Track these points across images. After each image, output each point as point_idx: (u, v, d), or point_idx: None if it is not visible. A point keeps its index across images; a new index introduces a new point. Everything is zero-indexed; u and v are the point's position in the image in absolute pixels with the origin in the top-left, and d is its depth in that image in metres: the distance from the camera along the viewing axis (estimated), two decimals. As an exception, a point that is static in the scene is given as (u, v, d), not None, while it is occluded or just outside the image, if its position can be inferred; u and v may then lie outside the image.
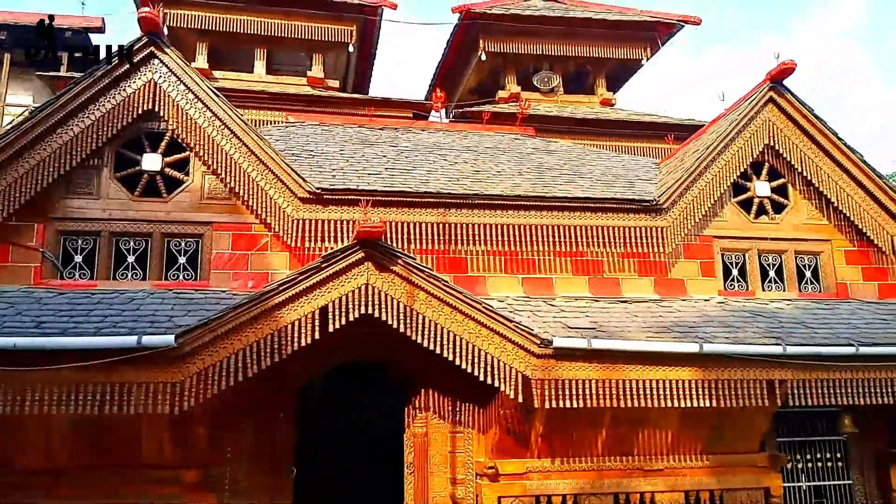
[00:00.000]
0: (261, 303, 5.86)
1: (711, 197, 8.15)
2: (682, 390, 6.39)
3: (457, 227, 7.66)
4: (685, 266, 8.21)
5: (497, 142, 11.34)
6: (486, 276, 7.86)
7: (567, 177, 9.08)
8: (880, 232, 8.31)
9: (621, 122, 13.43)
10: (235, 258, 7.35)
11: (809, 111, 8.33)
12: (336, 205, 7.39)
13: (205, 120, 7.31)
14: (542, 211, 7.83)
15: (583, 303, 7.70)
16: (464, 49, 14.66)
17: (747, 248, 8.36)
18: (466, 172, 8.89)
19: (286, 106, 12.65)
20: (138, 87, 7.29)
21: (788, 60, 8.04)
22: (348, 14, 13.31)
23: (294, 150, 9.34)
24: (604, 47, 14.07)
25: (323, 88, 13.45)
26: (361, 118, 11.74)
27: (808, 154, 8.35)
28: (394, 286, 6.16)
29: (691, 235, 8.21)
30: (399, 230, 7.53)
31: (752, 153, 8.31)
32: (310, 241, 7.36)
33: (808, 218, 8.53)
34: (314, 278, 6.02)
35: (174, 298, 6.88)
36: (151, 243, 7.34)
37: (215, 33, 12.94)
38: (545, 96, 14.68)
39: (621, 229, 7.98)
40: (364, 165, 8.75)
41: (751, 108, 8.24)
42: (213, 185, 7.47)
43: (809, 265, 8.49)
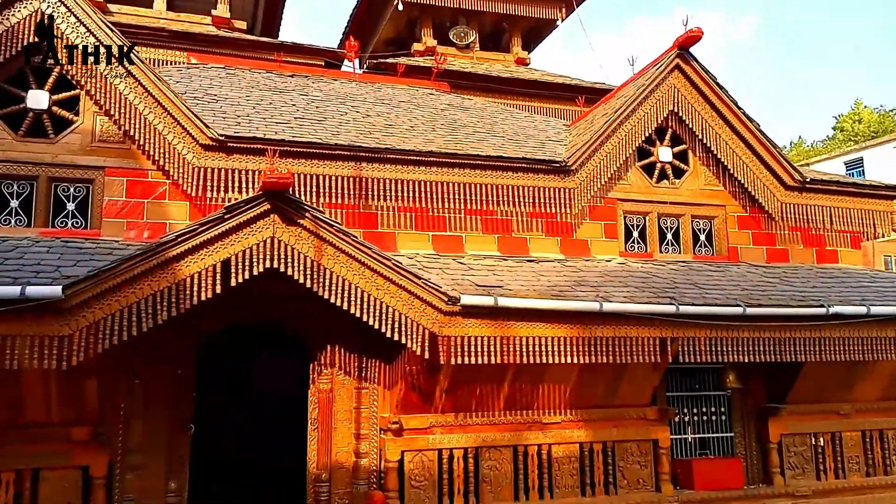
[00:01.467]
0: (157, 254, 5.57)
1: (617, 160, 8.36)
2: (583, 347, 6.61)
3: (368, 182, 7.53)
4: (590, 227, 8.43)
5: (411, 96, 11.17)
6: (397, 232, 7.80)
7: (480, 135, 9.07)
8: (771, 199, 8.79)
9: (535, 83, 13.53)
10: (130, 206, 6.94)
11: (713, 79, 8.63)
12: (241, 153, 7.08)
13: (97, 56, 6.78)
14: (455, 168, 7.80)
15: (491, 261, 7.79)
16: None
17: (648, 211, 8.67)
18: (379, 126, 8.72)
19: (188, 46, 11.95)
20: (24, 16, 6.65)
21: (696, 28, 8.26)
22: (256, -51, 12.62)
23: (196, 93, 8.87)
24: (519, 4, 14.08)
25: (228, 29, 12.76)
26: (270, 64, 11.27)
27: (709, 122, 8.69)
28: (301, 240, 6.00)
29: (597, 198, 8.42)
30: (308, 183, 7.32)
31: (658, 119, 8.56)
32: (212, 192, 7.04)
33: (706, 184, 8.92)
34: (216, 230, 5.77)
35: (62, 247, 6.44)
36: (37, 187, 6.82)
37: (109, -38, 11.97)
38: (461, 52, 14.55)
39: (531, 189, 8.07)
40: (272, 113, 8.41)
41: (658, 74, 8.45)
42: (106, 127, 6.98)
43: (704, 229, 8.91)
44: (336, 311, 6.22)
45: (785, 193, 8.79)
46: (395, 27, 14.92)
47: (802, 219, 8.86)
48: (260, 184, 5.84)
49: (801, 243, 9.03)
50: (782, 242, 8.97)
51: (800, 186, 8.79)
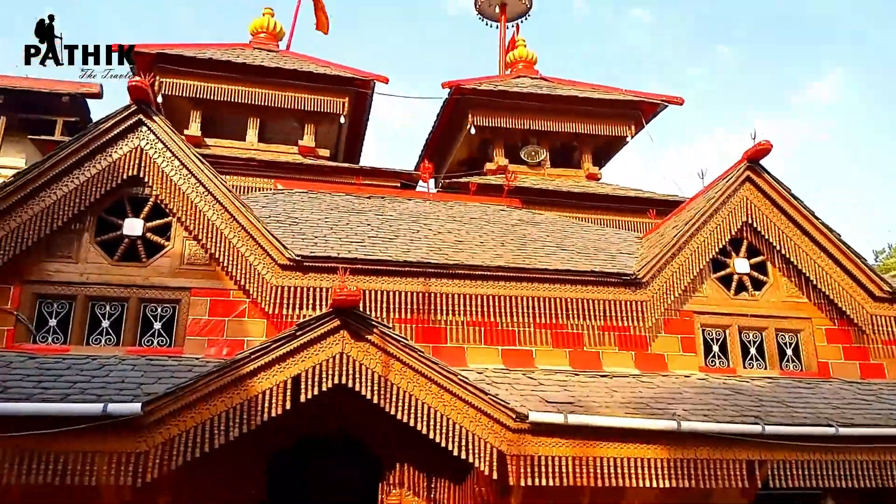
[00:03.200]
0: (232, 371, 5.77)
1: (691, 272, 8.20)
2: (659, 469, 6.26)
3: (436, 297, 7.65)
4: (666, 341, 8.18)
5: (482, 212, 11.47)
6: (466, 346, 7.80)
7: (549, 249, 9.14)
8: (859, 311, 8.33)
9: (606, 196, 13.64)
10: (212, 324, 7.28)
11: (786, 190, 8.49)
12: (316, 272, 7.39)
13: (189, 186, 7.39)
14: (522, 282, 7.84)
15: (562, 376, 7.62)
16: (453, 122, 15.00)
17: (728, 324, 8.36)
18: (449, 242, 8.95)
19: (276, 174, 12.80)
20: (124, 153, 7.39)
21: (764, 141, 8.25)
22: (341, 87, 13.64)
23: (279, 216, 9.42)
24: (589, 124, 14.42)
25: (313, 157, 13.65)
26: (350, 187, 11.90)
27: (786, 232, 8.47)
28: (369, 356, 6.09)
29: (672, 310, 8.21)
30: (378, 299, 7.51)
31: (731, 230, 8.42)
32: (288, 309, 7.31)
33: (788, 295, 8.57)
34: (288, 346, 5.95)
35: (146, 365, 6.78)
36: (127, 308, 7.28)
37: (209, 102, 13.21)
38: (532, 169, 14.93)
39: (601, 302, 7.98)
40: (347, 233, 8.80)
41: (728, 186, 8.40)
42: (194, 250, 7.48)
43: (790, 343, 8.47)
44: (405, 427, 6.18)
45: (874, 305, 8.32)
46: (469, 148, 15.56)
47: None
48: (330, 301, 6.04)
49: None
50: (876, 357, 8.39)
51: (890, 297, 8.31)
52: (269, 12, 15.23)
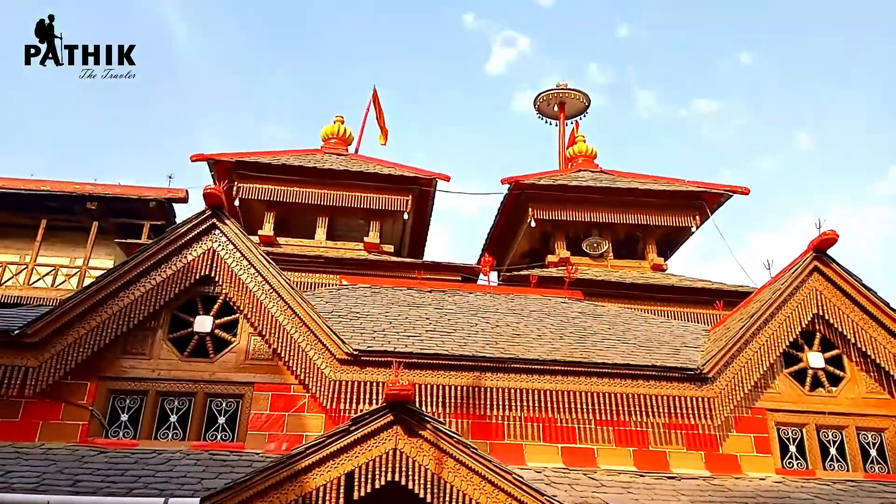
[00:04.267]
0: (287, 467, 5.83)
1: (760, 367, 7.87)
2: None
3: (492, 392, 7.59)
4: (738, 440, 7.78)
5: (542, 305, 11.43)
6: (524, 443, 7.64)
7: (610, 342, 8.99)
8: (949, 408, 7.76)
9: (671, 288, 13.39)
10: (273, 419, 7.42)
11: (857, 280, 8.16)
12: (373, 366, 7.50)
13: (255, 284, 7.74)
14: (580, 377, 7.71)
15: (626, 477, 7.32)
16: (513, 216, 15.25)
17: (804, 422, 7.90)
18: (506, 335, 8.93)
19: (342, 270, 13.23)
20: (198, 254, 7.85)
21: (830, 230, 8.04)
22: (404, 186, 14.21)
23: (341, 311, 9.66)
24: (651, 215, 14.40)
25: (378, 253, 14.08)
26: (411, 281, 12.13)
27: (861, 325, 8.08)
28: (422, 452, 6.04)
29: (742, 407, 7.85)
30: (434, 393, 7.51)
31: (801, 323, 8.10)
32: (345, 403, 7.39)
33: (869, 391, 8.07)
34: (342, 442, 5.98)
35: (208, 460, 6.93)
36: (194, 403, 7.53)
37: (282, 204, 13.97)
38: (595, 261, 14.89)
39: (665, 398, 7.72)
40: (406, 327, 8.93)
41: (795, 276, 8.15)
42: (258, 345, 7.75)
43: (874, 443, 7.90)
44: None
45: (965, 401, 7.73)
46: (530, 241, 15.71)
47: None
48: (384, 395, 6.09)
49: None
50: (975, 458, 7.71)
51: (984, 393, 7.72)
52: (339, 119, 16.20)
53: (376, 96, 18.10)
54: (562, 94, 17.68)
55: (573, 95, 17.70)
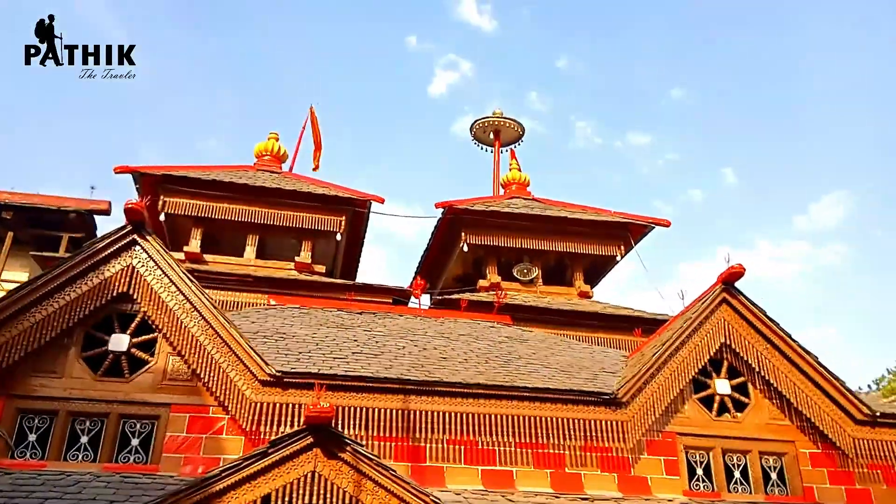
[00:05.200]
0: (200, 490, 5.75)
1: (671, 392, 8.22)
2: None
3: (416, 414, 7.68)
4: (649, 463, 8.08)
5: (471, 329, 11.60)
6: (445, 466, 7.73)
7: (533, 366, 9.21)
8: (842, 434, 8.27)
9: (595, 315, 13.79)
10: (189, 441, 7.29)
11: (762, 312, 8.65)
12: (296, 388, 7.47)
13: (176, 302, 7.63)
14: (502, 400, 7.88)
15: (542, 499, 7.50)
16: (447, 241, 15.44)
17: (711, 446, 8.28)
18: (433, 358, 9.04)
19: (272, 290, 13.06)
20: (116, 270, 7.68)
21: (737, 264, 8.51)
22: (338, 206, 14.20)
23: (267, 332, 9.58)
24: (579, 244, 14.82)
25: (309, 273, 13.98)
26: (342, 302, 12.12)
27: (765, 354, 8.55)
28: (341, 475, 6.07)
29: (653, 431, 8.17)
30: (358, 416, 7.54)
31: (709, 351, 8.52)
32: (266, 426, 7.33)
33: (771, 418, 8.53)
34: (259, 464, 5.96)
35: (119, 482, 6.75)
36: (107, 424, 7.32)
37: (211, 220, 13.73)
38: (525, 287, 15.19)
39: (582, 422, 7.96)
40: (332, 349, 8.93)
41: (705, 307, 8.58)
42: (177, 365, 7.61)
43: (775, 467, 8.35)
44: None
45: (856, 428, 8.26)
46: (463, 266, 15.91)
47: (879, 455, 8.21)
48: (304, 418, 6.10)
49: (884, 483, 8.26)
50: (862, 482, 8.24)
51: (871, 420, 8.26)
52: (273, 136, 16.11)
53: (313, 115, 18.09)
54: (497, 122, 18.08)
55: (508, 124, 18.12)
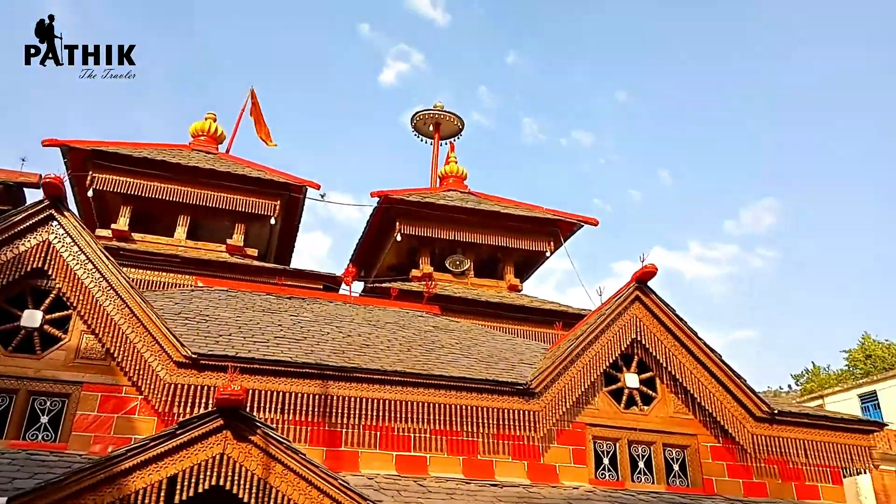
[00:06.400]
0: (105, 469, 5.73)
1: (583, 384, 8.55)
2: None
3: (333, 400, 7.77)
4: (558, 452, 8.40)
5: (399, 317, 11.75)
6: (360, 451, 7.87)
7: (455, 356, 9.42)
8: (741, 430, 8.75)
9: (521, 308, 14.12)
10: (100, 421, 7.23)
11: (671, 311, 9.07)
12: (212, 371, 7.47)
13: (92, 281, 7.53)
14: (419, 388, 8.05)
15: (453, 484, 7.72)
16: (382, 229, 15.52)
17: (618, 437, 8.66)
18: (356, 345, 9.15)
19: (201, 271, 12.92)
20: (32, 245, 7.53)
21: (650, 264, 8.89)
22: (274, 190, 14.11)
23: (189, 313, 9.51)
24: (511, 238, 15.12)
25: (241, 256, 13.86)
26: (271, 287, 12.10)
27: (672, 351, 8.97)
28: (250, 457, 6.12)
29: (564, 421, 8.49)
30: (274, 400, 7.59)
31: (621, 346, 8.88)
32: (180, 407, 7.32)
33: (676, 412, 8.96)
34: (167, 445, 5.96)
35: (25, 459, 6.66)
36: (15, 400, 7.20)
37: (140, 199, 13.46)
38: (457, 278, 15.41)
39: (496, 411, 8.21)
40: (254, 333, 8.94)
41: (618, 304, 8.94)
42: (90, 344, 7.52)
43: (677, 459, 8.78)
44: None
45: (755, 425, 8.75)
46: (397, 255, 16.03)
47: (776, 451, 8.72)
48: (215, 400, 6.14)
49: (779, 477, 8.79)
50: (759, 476, 8.75)
51: (769, 418, 8.77)
52: (211, 116, 15.86)
53: (254, 97, 17.86)
54: (437, 115, 18.20)
55: (448, 117, 18.27)
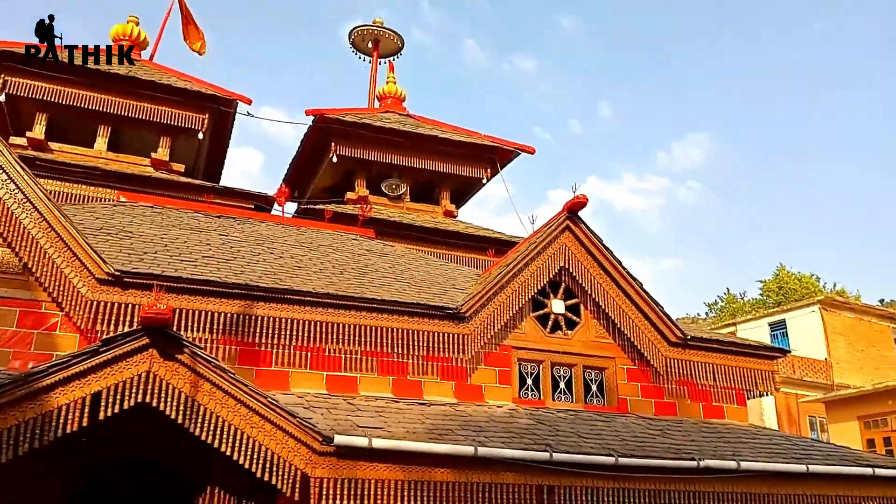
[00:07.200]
0: (26, 385, 5.62)
1: (511, 310, 8.80)
2: (460, 492, 6.64)
3: (263, 321, 7.76)
4: (484, 373, 8.70)
5: (333, 240, 11.69)
6: (291, 371, 7.95)
7: (387, 280, 9.49)
8: (656, 354, 9.25)
9: (455, 234, 14.27)
10: (19, 336, 7.02)
11: (599, 241, 9.34)
12: (136, 289, 7.31)
13: (6, 192, 7.14)
14: (350, 310, 8.11)
15: (382, 403, 7.92)
16: (317, 149, 15.20)
17: (542, 359, 9.02)
18: (287, 267, 9.09)
19: (122, 186, 12.43)
20: (-64, 152, 7.05)
21: (581, 195, 9.07)
22: (201, 103, 13.54)
23: (112, 229, 9.20)
24: (448, 164, 15.09)
25: (166, 171, 13.38)
26: (199, 205, 11.77)
27: (598, 279, 9.30)
28: (177, 376, 6.10)
29: (492, 345, 8.77)
30: (203, 319, 7.52)
31: (549, 274, 9.14)
32: (103, 325, 7.17)
33: (597, 336, 9.37)
34: (90, 362, 5.86)
35: (-63, 375, 6.43)
36: (-76, 314, 6.88)
37: (57, 105, 12.70)
38: (393, 202, 15.37)
39: (426, 334, 8.38)
40: (181, 251, 8.74)
41: (549, 233, 9.14)
42: (7, 257, 7.20)
43: (596, 380, 9.25)
44: (215, 450, 6.20)
45: (669, 349, 9.26)
46: (332, 177, 15.78)
47: (687, 374, 9.28)
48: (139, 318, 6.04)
49: (688, 398, 9.40)
50: (670, 396, 9.33)
51: (682, 343, 9.29)
52: (133, 20, 14.91)
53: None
54: (377, 32, 17.63)
55: (388, 35, 17.72)
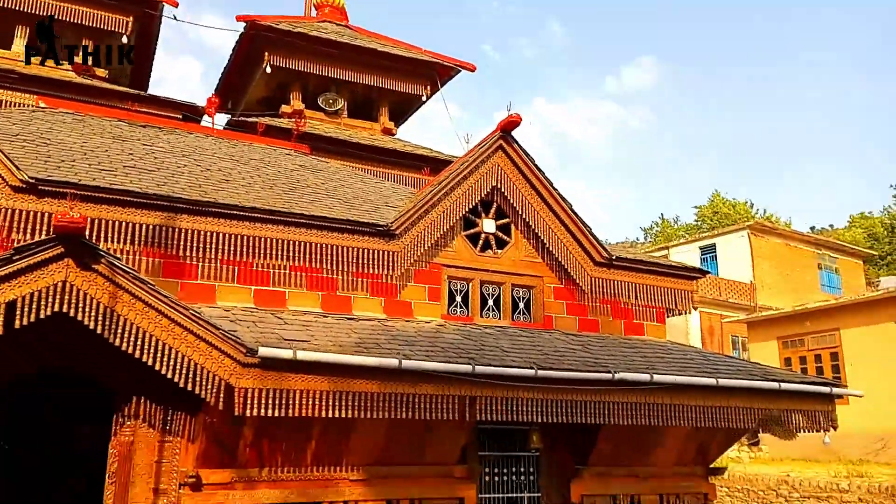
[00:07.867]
0: (-69, 293, 5.44)
1: (441, 228, 8.87)
2: (383, 403, 6.84)
3: (187, 233, 7.62)
4: (414, 290, 8.83)
5: (265, 154, 11.44)
6: (217, 285, 7.89)
7: (318, 196, 9.40)
8: (582, 273, 9.53)
9: (392, 151, 14.14)
10: (-75, 244, 6.72)
11: (532, 161, 9.41)
12: (52, 197, 7.03)
13: None
14: (279, 225, 8.03)
15: (310, 317, 7.98)
16: (250, 59, 14.63)
17: (471, 277, 9.19)
18: (214, 180, 8.89)
19: (42, 90, 11.78)
20: None
21: (515, 114, 9.04)
22: (124, 4, 12.75)
23: (29, 136, 8.77)
24: (387, 79, 14.77)
25: (89, 76, 12.70)
26: (124, 112, 11.30)
27: (528, 199, 9.41)
28: (95, 286, 5.99)
29: (422, 262, 8.86)
30: (124, 230, 7.33)
31: (481, 193, 9.20)
32: (19, 234, 6.92)
33: (526, 256, 9.57)
34: (3, 270, 5.69)
35: None
36: None
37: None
38: (329, 117, 15.04)
39: (356, 250, 8.40)
40: (102, 160, 8.43)
41: (482, 152, 9.14)
42: None
43: (523, 298, 9.51)
44: (140, 361, 6.18)
45: (594, 269, 9.55)
46: (266, 88, 15.28)
47: (610, 293, 9.62)
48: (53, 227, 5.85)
49: (611, 315, 9.80)
50: (593, 314, 9.70)
51: (607, 263, 9.59)
52: None
53: None
54: (316, -65, 16.75)
55: (329, -61, 16.86)
